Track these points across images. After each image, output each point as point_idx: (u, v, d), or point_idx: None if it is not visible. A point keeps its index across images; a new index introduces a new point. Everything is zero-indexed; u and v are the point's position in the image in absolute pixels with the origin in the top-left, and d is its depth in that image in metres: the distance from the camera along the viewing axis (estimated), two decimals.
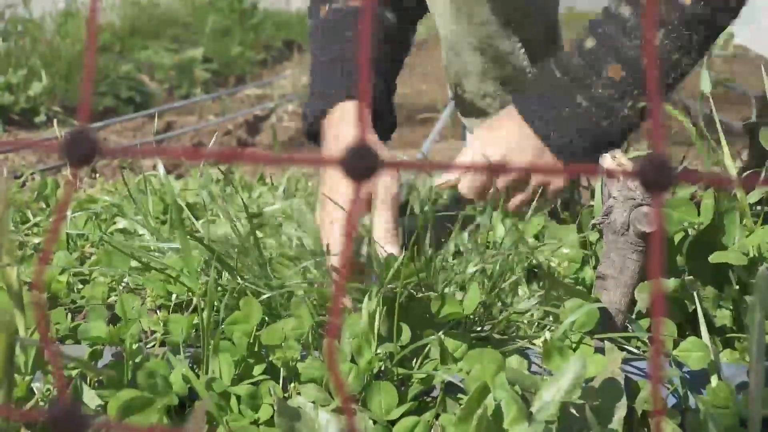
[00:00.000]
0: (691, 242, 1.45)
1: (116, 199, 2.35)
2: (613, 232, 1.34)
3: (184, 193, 2.38)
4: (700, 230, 1.43)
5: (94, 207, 2.22)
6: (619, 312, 1.37)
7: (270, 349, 1.34)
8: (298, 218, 1.81)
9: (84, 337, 1.39)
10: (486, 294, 1.46)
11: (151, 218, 1.97)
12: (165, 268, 1.61)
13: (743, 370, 1.29)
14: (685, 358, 1.31)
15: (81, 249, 1.99)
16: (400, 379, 1.32)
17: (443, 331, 1.34)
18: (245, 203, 1.74)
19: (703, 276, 1.43)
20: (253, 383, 1.31)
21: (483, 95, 2.25)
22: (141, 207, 2.00)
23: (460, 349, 1.32)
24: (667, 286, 1.36)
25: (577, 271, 1.60)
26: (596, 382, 1.24)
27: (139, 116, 4.88)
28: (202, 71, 7.12)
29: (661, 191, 0.42)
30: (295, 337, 1.35)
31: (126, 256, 1.71)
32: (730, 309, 1.44)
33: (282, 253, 1.69)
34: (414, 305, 1.37)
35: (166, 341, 1.41)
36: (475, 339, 1.39)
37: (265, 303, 1.45)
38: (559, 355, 1.27)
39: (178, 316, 1.43)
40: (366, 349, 1.29)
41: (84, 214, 2.13)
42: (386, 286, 1.34)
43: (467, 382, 1.26)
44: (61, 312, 1.55)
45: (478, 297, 1.37)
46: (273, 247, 1.76)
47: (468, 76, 2.24)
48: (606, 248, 1.37)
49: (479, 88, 2.25)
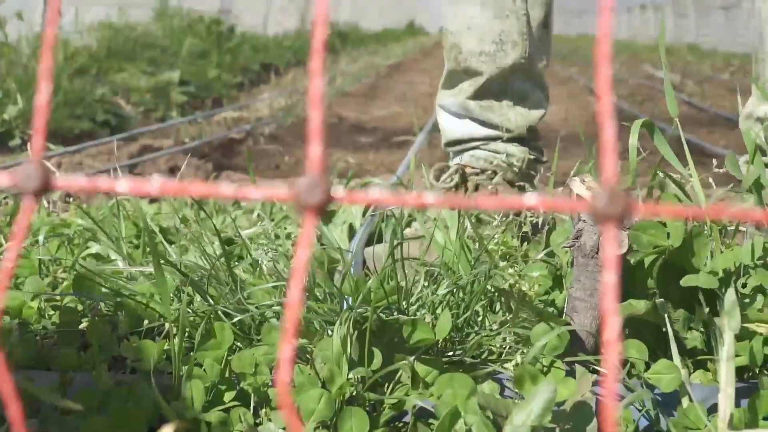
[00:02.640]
0: (661, 265, 1.45)
1: (89, 223, 2.33)
2: (583, 255, 1.35)
3: (158, 217, 2.37)
4: (671, 253, 1.44)
5: (67, 231, 2.20)
6: (590, 335, 1.37)
7: (241, 375, 1.33)
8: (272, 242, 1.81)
9: (54, 364, 1.38)
10: (457, 317, 1.46)
11: (124, 243, 1.96)
12: (136, 294, 1.60)
13: (715, 392, 1.30)
14: (657, 380, 1.31)
15: (53, 274, 1.98)
16: (372, 405, 1.32)
17: (415, 356, 1.34)
18: (217, 229, 1.74)
19: (673, 298, 1.43)
20: (224, 410, 1.30)
21: (480, 53, 2.29)
22: (114, 232, 1.99)
23: (432, 374, 1.32)
24: (638, 309, 1.36)
25: (548, 293, 1.60)
26: (567, 406, 1.24)
27: (114, 140, 4.87)
28: (178, 94, 7.11)
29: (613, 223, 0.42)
30: (266, 363, 1.34)
31: (98, 282, 1.70)
32: (701, 331, 1.44)
33: (255, 278, 1.68)
34: (385, 329, 1.37)
35: (137, 368, 1.40)
36: (447, 363, 1.39)
37: (237, 327, 1.45)
38: (531, 379, 1.27)
39: (149, 342, 1.43)
40: (337, 374, 1.28)
41: (57, 239, 2.11)
42: (356, 310, 1.34)
43: (438, 407, 1.25)
44: (31, 338, 1.55)
45: (449, 323, 1.37)
46: (246, 271, 1.75)
47: (469, 33, 2.28)
48: (576, 271, 1.38)
49: (477, 46, 2.29)
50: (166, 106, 6.85)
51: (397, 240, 1.62)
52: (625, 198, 0.42)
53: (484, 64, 2.30)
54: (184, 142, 5.09)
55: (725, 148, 3.98)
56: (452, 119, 2.49)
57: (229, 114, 6.72)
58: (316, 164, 0.40)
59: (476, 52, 2.30)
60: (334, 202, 0.40)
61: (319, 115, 0.40)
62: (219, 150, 5.01)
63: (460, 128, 2.46)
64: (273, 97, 7.69)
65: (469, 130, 2.45)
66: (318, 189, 0.40)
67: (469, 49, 2.30)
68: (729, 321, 1.32)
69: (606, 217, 0.42)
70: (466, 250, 1.61)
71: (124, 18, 9.45)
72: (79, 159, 4.29)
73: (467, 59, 2.32)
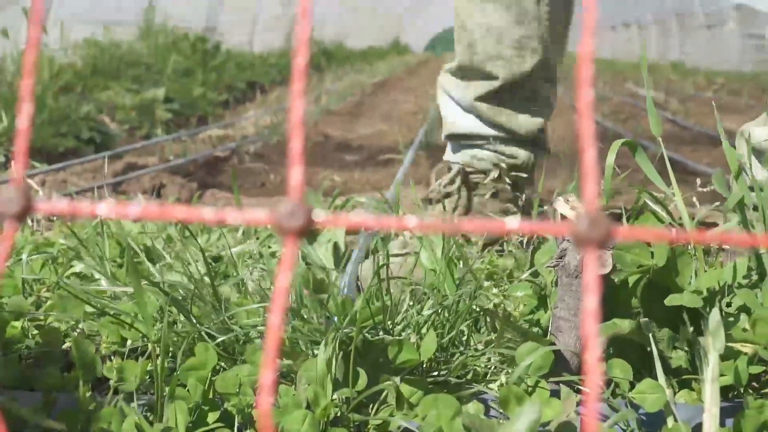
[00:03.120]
0: (645, 284, 1.45)
1: (73, 242, 2.33)
2: (567, 275, 1.35)
3: (142, 236, 2.36)
4: (655, 272, 1.44)
5: (51, 250, 2.20)
6: (575, 355, 1.37)
7: (225, 395, 1.33)
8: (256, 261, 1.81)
9: (38, 384, 1.37)
10: (442, 337, 1.46)
11: (107, 262, 1.95)
12: (119, 313, 1.60)
13: (700, 411, 1.30)
14: (641, 400, 1.31)
15: (37, 293, 1.97)
16: (357, 426, 1.32)
17: (400, 376, 1.33)
18: (202, 247, 1.73)
19: (658, 318, 1.43)
20: (208, 431, 1.29)
21: (497, 56, 2.25)
22: (97, 251, 1.98)
23: (417, 395, 1.32)
24: (622, 328, 1.36)
25: (532, 313, 1.60)
26: (552, 426, 1.24)
27: (99, 157, 4.86)
28: (163, 111, 7.10)
29: (594, 248, 0.42)
30: (249, 383, 1.34)
31: (81, 301, 1.69)
32: (686, 350, 1.44)
33: (240, 297, 1.68)
34: (370, 349, 1.36)
35: (120, 388, 1.39)
36: (432, 383, 1.38)
37: (221, 347, 1.44)
38: (516, 399, 1.27)
39: (132, 362, 1.42)
40: (322, 395, 1.28)
41: (40, 258, 2.11)
42: (342, 330, 1.33)
43: (423, 427, 1.25)
44: (15, 358, 1.54)
45: (434, 344, 1.37)
46: (230, 290, 1.75)
47: (488, 34, 2.24)
48: (560, 291, 1.38)
49: (495, 49, 2.25)
50: (150, 123, 6.85)
51: (383, 261, 1.62)
52: (606, 222, 0.42)
53: (500, 68, 2.26)
54: (168, 160, 5.08)
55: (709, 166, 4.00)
56: (458, 111, 2.41)
57: (214, 132, 6.71)
58: (297, 189, 0.40)
59: (493, 55, 2.25)
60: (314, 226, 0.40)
61: (300, 140, 0.40)
62: (204, 168, 5.00)
63: (466, 123, 2.39)
64: (258, 115, 7.69)
65: (475, 126, 2.39)
66: (299, 213, 0.40)
67: (486, 52, 2.25)
68: (713, 341, 1.32)
69: (587, 241, 0.42)
70: (451, 269, 1.61)
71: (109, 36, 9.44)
72: (64, 177, 4.28)
73: (483, 61, 2.28)
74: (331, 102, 9.19)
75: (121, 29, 10.09)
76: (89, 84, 7.46)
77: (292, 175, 0.40)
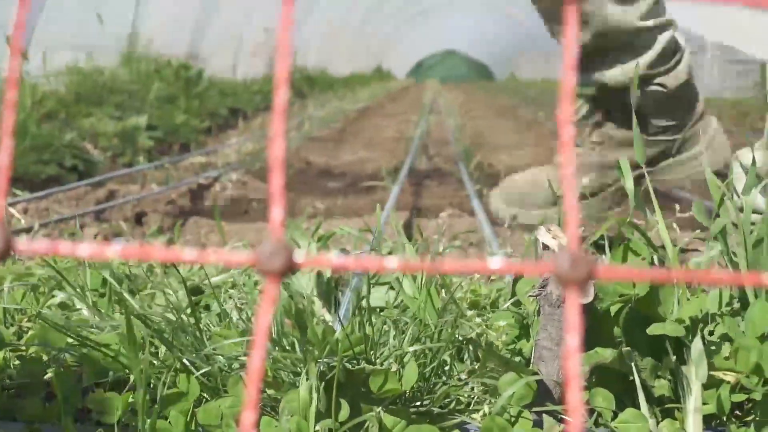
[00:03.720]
0: (628, 313, 1.46)
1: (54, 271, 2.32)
2: (550, 305, 1.35)
3: (124, 265, 2.35)
4: (637, 301, 1.45)
5: (33, 280, 2.19)
6: (557, 384, 1.37)
7: (207, 427, 1.32)
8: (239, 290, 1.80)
9: (20, 415, 1.36)
10: (425, 367, 1.46)
11: (89, 292, 1.94)
12: (101, 344, 1.59)
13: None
14: (624, 429, 1.31)
15: (18, 323, 1.96)
16: None
17: (382, 407, 1.33)
18: (183, 278, 1.73)
19: (641, 346, 1.44)
20: None
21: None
22: (79, 281, 1.97)
23: (399, 425, 1.32)
24: (604, 357, 1.36)
25: (515, 342, 1.61)
26: None
27: (81, 185, 4.84)
28: (146, 139, 7.09)
29: (575, 286, 0.42)
30: (232, 415, 1.33)
31: (63, 331, 1.69)
32: (669, 379, 1.44)
33: (222, 328, 1.67)
34: (352, 379, 1.36)
35: (102, 420, 1.39)
36: (415, 413, 1.38)
37: (203, 378, 1.44)
38: (499, 429, 1.27)
39: (114, 394, 1.42)
40: (304, 427, 1.28)
41: (21, 288, 2.10)
42: (323, 360, 1.33)
43: None
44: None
45: (416, 373, 1.36)
46: (213, 320, 1.74)
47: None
48: (543, 320, 1.38)
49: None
50: (133, 151, 6.83)
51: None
52: (587, 261, 0.42)
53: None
54: (151, 188, 5.07)
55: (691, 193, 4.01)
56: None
57: (196, 159, 6.70)
58: (278, 229, 0.40)
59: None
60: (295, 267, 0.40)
61: (281, 177, 0.40)
62: (187, 195, 4.99)
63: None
64: (241, 142, 7.68)
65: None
66: (280, 254, 0.40)
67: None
68: (696, 370, 1.32)
69: (568, 280, 0.42)
70: (433, 298, 1.61)
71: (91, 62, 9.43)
72: (46, 205, 4.26)
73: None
74: (314, 128, 9.20)
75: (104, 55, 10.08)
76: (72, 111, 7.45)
77: (272, 214, 0.40)
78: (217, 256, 0.40)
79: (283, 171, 0.40)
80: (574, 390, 0.42)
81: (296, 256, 0.40)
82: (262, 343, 0.39)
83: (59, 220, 3.75)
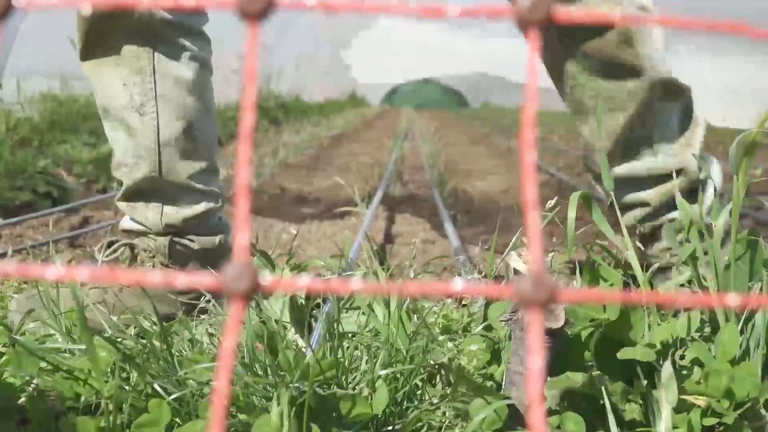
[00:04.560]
0: (598, 338, 1.46)
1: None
2: (521, 329, 1.36)
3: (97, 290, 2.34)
4: (607, 326, 1.45)
5: (4, 304, 2.18)
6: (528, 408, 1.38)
7: None
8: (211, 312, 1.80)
9: None
10: (396, 391, 1.46)
11: (62, 317, 1.94)
12: (73, 369, 1.58)
13: None
14: None
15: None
16: None
17: (353, 431, 1.33)
18: (155, 303, 1.72)
19: (612, 371, 1.44)
20: None
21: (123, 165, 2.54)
22: (52, 306, 1.97)
23: None
24: (575, 382, 1.37)
25: (486, 367, 1.61)
26: None
27: (56, 211, 4.83)
28: None
29: (538, 309, 0.43)
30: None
31: (36, 356, 1.68)
32: (639, 403, 1.45)
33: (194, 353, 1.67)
34: (324, 404, 1.36)
35: None
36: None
37: (175, 403, 1.44)
38: None
39: (86, 418, 1.41)
40: None
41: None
42: (294, 385, 1.33)
43: None
44: None
45: (386, 397, 1.37)
46: (185, 344, 1.74)
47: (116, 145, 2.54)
48: (513, 345, 1.38)
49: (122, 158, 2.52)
50: (107, 177, 6.81)
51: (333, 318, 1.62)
52: (550, 284, 0.43)
53: (125, 175, 2.53)
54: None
55: None
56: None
57: None
58: (244, 251, 0.41)
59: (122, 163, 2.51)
60: (261, 289, 0.40)
61: (247, 203, 0.41)
62: None
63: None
64: None
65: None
66: (245, 276, 0.40)
67: (117, 160, 2.53)
68: (666, 394, 1.33)
69: (531, 302, 0.43)
70: (404, 323, 1.61)
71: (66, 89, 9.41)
72: (20, 231, 4.25)
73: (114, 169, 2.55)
74: (289, 155, 9.21)
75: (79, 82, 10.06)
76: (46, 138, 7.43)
77: (237, 239, 0.41)
78: (183, 279, 0.41)
79: (249, 196, 0.41)
80: (537, 412, 0.42)
81: (262, 278, 0.40)
82: (227, 364, 0.39)
83: (33, 246, 3.74)
